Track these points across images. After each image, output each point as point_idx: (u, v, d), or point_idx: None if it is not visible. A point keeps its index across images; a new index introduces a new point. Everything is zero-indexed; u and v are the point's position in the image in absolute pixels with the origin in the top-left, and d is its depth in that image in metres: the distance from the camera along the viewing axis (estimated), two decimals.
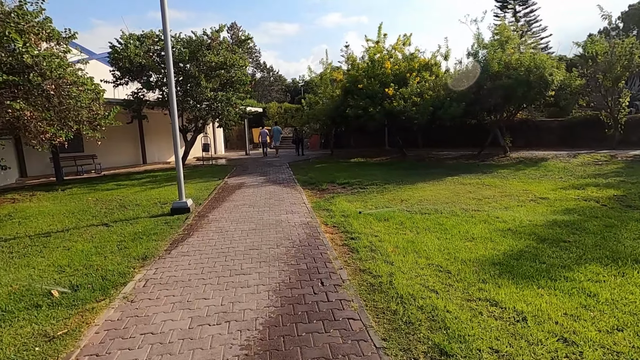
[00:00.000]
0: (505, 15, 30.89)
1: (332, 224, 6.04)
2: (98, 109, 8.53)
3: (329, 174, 12.28)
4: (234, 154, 23.92)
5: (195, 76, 13.28)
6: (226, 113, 14.43)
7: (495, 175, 10.70)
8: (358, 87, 15.83)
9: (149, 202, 8.52)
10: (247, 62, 14.91)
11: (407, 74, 15.63)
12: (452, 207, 6.94)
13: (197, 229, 5.92)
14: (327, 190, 9.50)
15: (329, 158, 18.67)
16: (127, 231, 5.93)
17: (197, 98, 13.70)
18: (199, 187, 10.45)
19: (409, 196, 8.11)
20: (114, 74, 13.79)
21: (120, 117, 14.53)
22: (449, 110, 14.29)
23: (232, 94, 14.15)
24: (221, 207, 7.52)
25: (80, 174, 15.40)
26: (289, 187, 9.96)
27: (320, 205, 7.46)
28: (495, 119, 15.65)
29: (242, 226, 5.95)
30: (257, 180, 11.41)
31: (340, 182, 10.28)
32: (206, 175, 13.23)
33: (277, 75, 48.99)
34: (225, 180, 11.57)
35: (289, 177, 11.81)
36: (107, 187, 11.03)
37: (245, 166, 15.93)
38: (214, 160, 19.40)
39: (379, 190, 8.95)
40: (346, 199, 8.11)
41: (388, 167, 13.75)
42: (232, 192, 9.39)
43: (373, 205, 7.41)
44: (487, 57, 14.06)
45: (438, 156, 17.55)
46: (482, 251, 4.50)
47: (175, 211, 7.06)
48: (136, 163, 19.02)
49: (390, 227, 5.68)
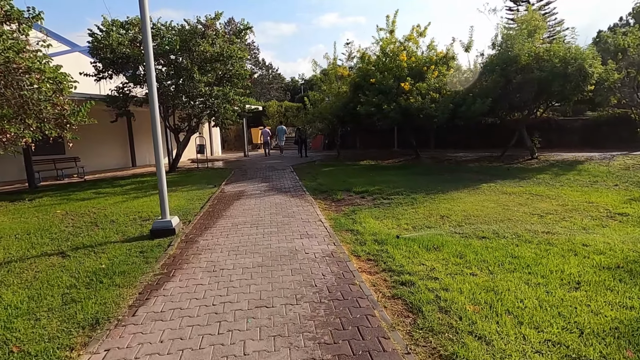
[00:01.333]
0: (519, 9, 29.40)
1: (365, 255, 4.47)
2: (63, 103, 6.91)
3: (341, 179, 10.72)
4: (231, 156, 22.31)
5: (188, 68, 11.68)
6: (223, 110, 12.83)
7: (536, 182, 9.16)
8: (369, 82, 14.28)
9: (127, 217, 6.93)
10: (247, 54, 13.33)
11: (424, 67, 14.09)
12: (513, 227, 5.40)
13: (181, 264, 4.33)
14: (343, 201, 7.93)
15: (336, 160, 17.11)
16: (86, 266, 4.34)
17: (190, 94, 12.10)
18: (190, 196, 8.86)
19: (449, 210, 6.56)
20: (95, 66, 12.17)
21: (104, 114, 12.95)
22: (473, 107, 12.75)
23: (229, 89, 12.56)
24: (216, 227, 5.93)
25: (60, 178, 13.78)
26: (297, 196, 8.39)
27: (342, 224, 5.90)
28: (521, 118, 14.12)
29: (244, 260, 4.37)
30: (258, 188, 9.83)
31: (357, 191, 8.72)
32: (200, 180, 11.63)
33: (276, 73, 47.34)
34: (221, 188, 9.98)
35: (296, 184, 10.23)
36: (84, 196, 9.42)
37: (244, 170, 14.34)
38: (210, 163, 17.80)
39: (407, 202, 7.39)
40: (371, 213, 6.55)
41: (405, 171, 12.20)
42: (230, 203, 7.81)
43: (408, 223, 5.85)
44: (513, 48, 12.52)
45: (455, 158, 16.02)
46: (609, 311, 2.95)
47: (156, 233, 5.47)
48: (125, 166, 17.39)
49: (449, 262, 4.12)
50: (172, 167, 14.06)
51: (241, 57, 12.89)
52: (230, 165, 16.36)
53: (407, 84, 13.31)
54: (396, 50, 14.25)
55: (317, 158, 18.57)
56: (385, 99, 13.54)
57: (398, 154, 19.00)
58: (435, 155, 17.15)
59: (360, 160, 16.57)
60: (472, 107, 12.77)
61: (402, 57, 13.83)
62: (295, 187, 9.67)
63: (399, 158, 16.93)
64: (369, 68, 14.73)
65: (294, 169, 13.80)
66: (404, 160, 16.21)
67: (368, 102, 13.76)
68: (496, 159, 14.74)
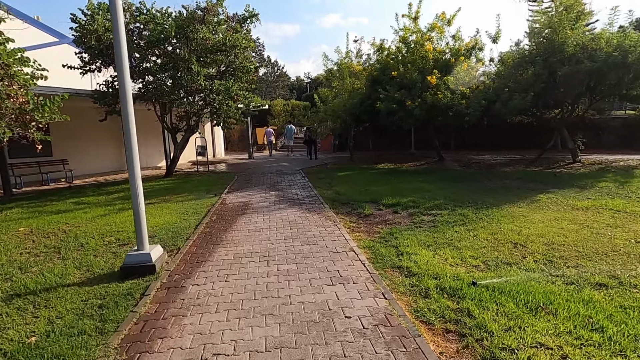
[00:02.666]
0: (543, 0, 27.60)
1: (438, 321, 2.90)
2: (20, 95, 5.42)
3: (362, 187, 9.15)
4: (235, 157, 20.82)
5: (185, 59, 10.17)
6: (225, 108, 11.30)
7: (603, 192, 7.53)
8: (390, 75, 12.69)
9: (102, 239, 5.42)
10: (252, 44, 11.80)
11: (452, 59, 12.49)
12: (631, 265, 3.80)
13: (152, 341, 2.77)
14: (373, 217, 6.36)
15: (349, 163, 15.52)
16: (4, 339, 2.81)
17: (187, 88, 10.60)
18: (185, 208, 7.34)
19: (519, 234, 4.97)
20: (81, 56, 10.71)
21: (93, 112, 11.49)
22: (510, 103, 11.12)
23: (232, 83, 11.03)
24: (212, 260, 4.38)
25: (45, 183, 12.36)
26: (314, 211, 6.82)
27: (383, 257, 4.33)
28: (563, 115, 12.46)
29: (251, 332, 2.79)
30: (266, 198, 8.28)
31: (387, 203, 7.15)
32: (199, 187, 10.12)
33: (281, 71, 45.80)
34: (222, 198, 8.45)
35: (310, 193, 8.67)
36: (61, 208, 7.94)
37: (249, 174, 12.81)
38: (212, 166, 16.31)
39: (457, 220, 5.81)
40: (416, 238, 4.98)
41: (434, 177, 10.60)
42: (232, 221, 6.25)
43: (474, 255, 4.27)
44: (557, 36, 10.88)
45: (483, 161, 14.39)
46: None
47: (130, 271, 3.95)
48: (119, 169, 15.95)
49: (581, 339, 2.54)
50: (169, 171, 12.57)
51: (246, 46, 11.37)
52: (233, 169, 14.85)
53: (433, 78, 11.71)
54: (420, 39, 12.63)
55: (328, 160, 17.01)
56: (409, 95, 11.95)
57: (417, 156, 17.38)
58: (459, 158, 15.53)
59: (376, 163, 14.98)
60: (510, 104, 11.14)
61: (428, 48, 12.22)
62: (310, 198, 8.11)
63: (420, 161, 15.32)
64: (389, 60, 13.14)
65: (304, 174, 12.26)
66: (426, 163, 14.60)
67: (389, 98, 12.18)
68: (532, 163, 13.10)
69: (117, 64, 3.94)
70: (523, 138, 18.35)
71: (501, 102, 11.44)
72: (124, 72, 3.95)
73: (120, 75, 3.94)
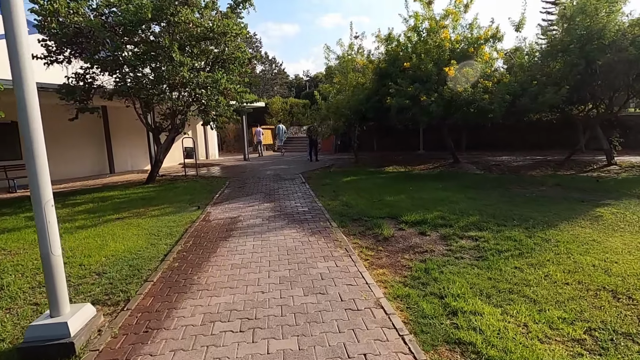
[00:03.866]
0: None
1: None
2: None
3: (373, 196, 7.71)
4: (230, 159, 19.35)
5: (165, 47, 8.70)
6: (213, 104, 9.82)
7: None
8: (401, 67, 11.25)
9: (32, 278, 3.96)
10: (245, 30, 10.33)
11: (471, 48, 11.05)
12: None
13: None
14: (395, 241, 4.91)
15: (354, 166, 14.07)
16: None
17: (170, 81, 9.12)
18: (158, 227, 5.88)
19: (608, 273, 3.53)
20: (46, 45, 9.22)
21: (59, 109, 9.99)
22: (541, 98, 9.70)
23: (221, 75, 9.55)
24: (170, 329, 2.91)
25: (12, 190, 10.89)
26: (319, 232, 5.37)
27: (426, 316, 2.88)
28: (599, 111, 11.04)
29: None
30: (259, 213, 6.81)
31: (409, 220, 5.70)
32: (182, 196, 8.65)
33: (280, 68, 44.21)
34: (207, 211, 6.98)
35: (313, 206, 7.21)
36: (7, 225, 6.49)
37: (242, 179, 11.35)
38: (205, 169, 14.85)
39: (508, 247, 4.36)
40: (464, 279, 3.53)
41: (455, 184, 9.16)
42: (211, 251, 4.77)
43: (563, 313, 2.83)
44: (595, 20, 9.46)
45: (504, 163, 12.97)
46: None
47: (33, 354, 2.48)
48: (100, 173, 14.49)
49: None
50: (151, 177, 11.07)
51: (238, 33, 9.89)
52: (226, 172, 13.38)
53: (451, 69, 10.26)
54: (435, 26, 11.17)
55: (331, 163, 15.55)
56: (423, 89, 10.50)
57: (426, 157, 15.95)
58: (474, 160, 14.10)
59: (383, 166, 13.54)
60: (541, 99, 9.72)
61: (445, 35, 10.77)
62: (313, 212, 6.65)
63: (432, 163, 13.88)
64: (399, 51, 11.69)
65: (305, 179, 10.80)
66: (440, 166, 13.16)
67: (400, 92, 10.73)
68: (560, 165, 11.69)
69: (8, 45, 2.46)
70: (540, 137, 16.97)
71: (529, 96, 10.01)
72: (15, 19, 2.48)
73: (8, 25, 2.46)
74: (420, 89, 10.47)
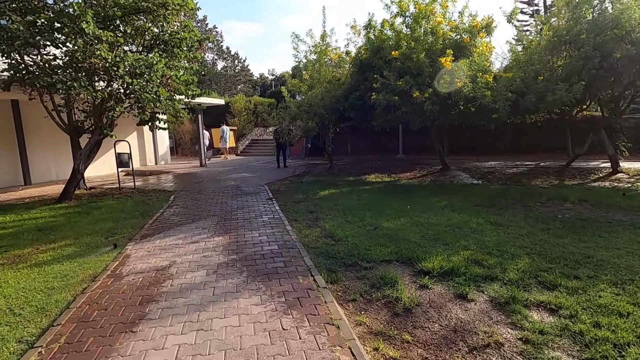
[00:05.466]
0: None
1: None
2: None
3: (366, 221, 5.74)
4: (184, 165, 16.64)
5: (75, 16, 6.22)
6: (149, 96, 7.40)
7: None
8: (386, 58, 9.43)
9: None
10: (194, 4, 8.01)
11: (467, 37, 9.47)
12: None
13: None
14: (425, 317, 2.94)
15: (329, 174, 12.10)
16: None
17: (83, 64, 6.61)
18: (23, 295, 3.51)
19: None
20: None
21: None
22: (552, 96, 8.26)
23: (158, 58, 7.19)
24: None
25: None
26: (296, 299, 3.28)
27: None
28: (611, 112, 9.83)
29: None
30: (205, 256, 4.58)
31: (433, 269, 3.77)
32: (96, 225, 6.16)
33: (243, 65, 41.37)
34: (123, 256, 4.65)
35: (284, 239, 5.10)
36: None
37: (193, 193, 8.98)
38: (155, 177, 12.22)
39: (618, 330, 2.55)
40: None
41: (461, 200, 7.42)
42: (102, 356, 2.56)
43: None
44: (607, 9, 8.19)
45: (496, 170, 11.58)
46: None
47: None
48: (12, 184, 11.43)
49: None
50: (65, 192, 8.36)
51: (182, 5, 7.56)
52: (174, 183, 10.87)
53: (447, 60, 8.58)
54: (425, 9, 9.44)
55: (302, 170, 13.49)
56: (415, 83, 8.74)
57: (407, 162, 14.35)
58: (463, 166, 12.64)
59: (363, 173, 11.70)
60: (551, 97, 8.27)
61: (438, 20, 9.08)
62: (286, 253, 4.54)
63: (417, 170, 12.22)
64: (383, 38, 9.87)
65: (272, 193, 8.65)
66: (428, 173, 11.51)
67: (388, 87, 8.89)
68: (561, 173, 10.43)
69: None
70: (524, 141, 15.95)
71: (536, 94, 8.55)
72: None
73: None
74: (411, 83, 8.69)
